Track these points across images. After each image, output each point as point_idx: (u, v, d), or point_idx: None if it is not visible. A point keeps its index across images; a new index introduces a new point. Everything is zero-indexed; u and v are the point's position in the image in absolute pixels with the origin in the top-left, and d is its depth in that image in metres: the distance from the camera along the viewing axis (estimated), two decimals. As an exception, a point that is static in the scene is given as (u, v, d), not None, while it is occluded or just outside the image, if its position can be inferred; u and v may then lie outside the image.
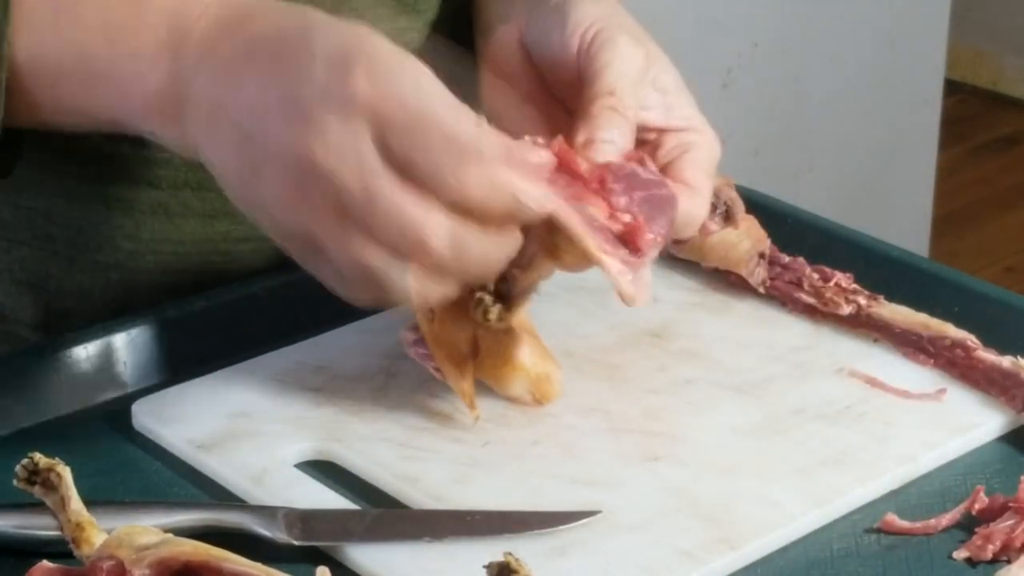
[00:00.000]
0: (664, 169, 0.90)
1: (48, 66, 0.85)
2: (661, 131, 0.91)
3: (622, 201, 0.84)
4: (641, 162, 0.87)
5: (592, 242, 0.82)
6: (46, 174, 1.01)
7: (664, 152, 0.91)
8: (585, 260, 0.83)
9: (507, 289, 0.86)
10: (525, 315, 0.91)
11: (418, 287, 0.79)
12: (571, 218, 0.81)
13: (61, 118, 0.88)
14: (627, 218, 0.84)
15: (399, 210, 0.77)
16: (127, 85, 0.83)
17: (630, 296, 0.83)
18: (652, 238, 0.84)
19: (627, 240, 0.83)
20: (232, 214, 1.02)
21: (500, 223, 0.80)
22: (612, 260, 0.82)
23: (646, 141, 0.91)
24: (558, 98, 0.93)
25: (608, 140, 0.87)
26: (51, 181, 1.01)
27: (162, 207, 1.01)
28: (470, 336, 0.88)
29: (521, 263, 0.84)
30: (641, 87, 0.90)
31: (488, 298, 0.85)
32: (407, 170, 0.77)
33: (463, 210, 0.78)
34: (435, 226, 0.78)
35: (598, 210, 0.83)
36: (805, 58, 2.62)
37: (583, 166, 0.84)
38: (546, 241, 0.83)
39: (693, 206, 0.89)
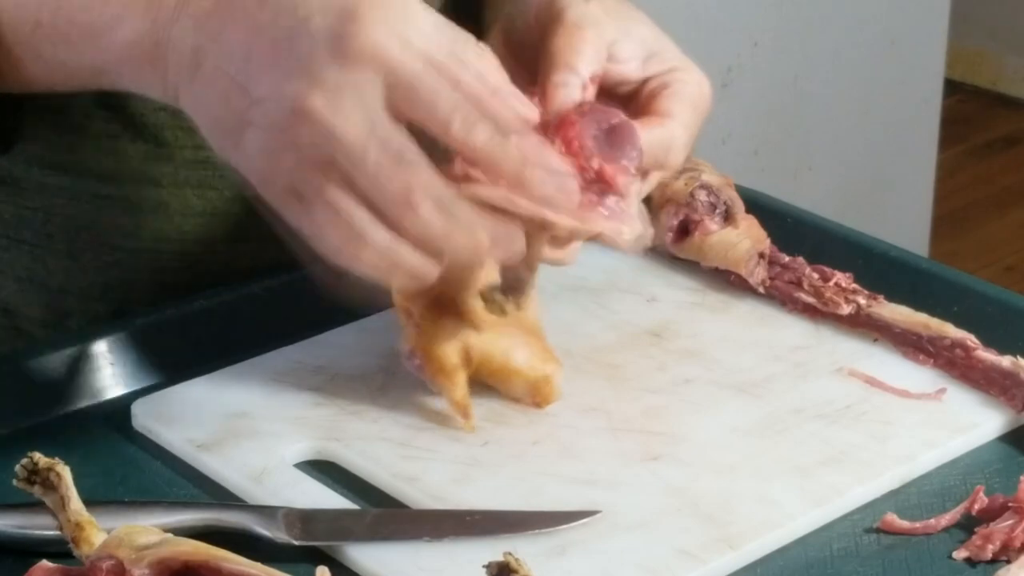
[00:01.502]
0: (643, 107, 0.88)
1: (26, 19, 0.84)
2: (643, 80, 0.89)
3: (587, 145, 0.83)
4: (586, 105, 0.85)
5: (578, 219, 0.81)
6: (46, 173, 1.01)
7: (644, 93, 0.88)
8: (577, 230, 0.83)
9: (511, 278, 0.85)
10: (534, 315, 0.91)
11: (396, 256, 0.77)
12: (559, 213, 0.81)
13: (44, 75, 0.86)
14: (595, 163, 0.82)
15: (392, 169, 0.75)
16: (103, 32, 0.81)
17: (629, 243, 0.82)
18: (624, 167, 0.83)
19: (603, 185, 0.83)
20: (233, 213, 1.02)
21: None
22: (606, 223, 0.82)
23: (630, 93, 0.89)
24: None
25: (559, 84, 0.84)
26: (51, 180, 1.01)
27: (163, 206, 1.01)
28: (460, 347, 0.88)
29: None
30: (598, 36, 0.87)
31: (499, 296, 0.86)
32: (412, 123, 0.76)
33: (463, 177, 0.77)
34: (426, 188, 0.76)
35: (568, 168, 0.82)
36: (805, 58, 2.62)
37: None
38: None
39: (666, 132, 0.86)
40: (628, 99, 0.89)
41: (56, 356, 0.93)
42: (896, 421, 0.90)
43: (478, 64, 0.78)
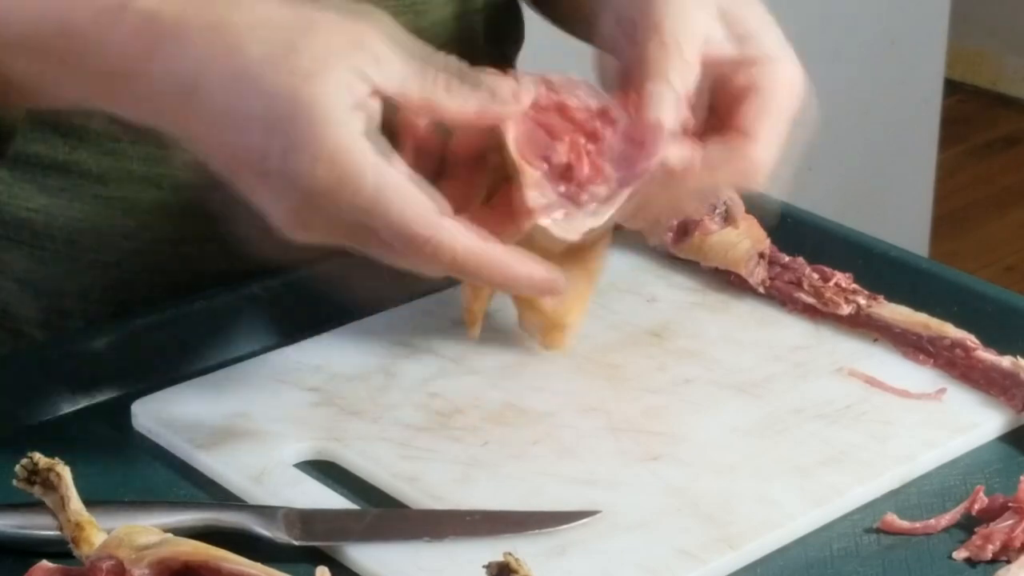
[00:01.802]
0: (728, 111, 0.86)
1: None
2: (735, 63, 0.87)
3: (605, 143, 0.83)
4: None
5: (516, 153, 0.81)
6: (47, 174, 1.01)
7: (732, 90, 0.86)
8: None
9: None
10: (598, 264, 0.91)
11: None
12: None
13: (26, 88, 0.85)
14: (576, 153, 0.82)
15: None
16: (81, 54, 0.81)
17: (528, 212, 0.81)
18: (605, 176, 0.82)
19: (567, 176, 0.82)
20: None
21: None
22: (531, 171, 0.81)
23: (720, 80, 0.87)
24: None
25: (654, 93, 0.83)
26: (51, 181, 1.01)
27: (163, 207, 1.01)
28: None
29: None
30: (697, 28, 0.85)
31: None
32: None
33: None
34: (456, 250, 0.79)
35: (561, 146, 0.82)
36: (804, 57, 2.62)
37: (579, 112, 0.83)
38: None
39: (745, 159, 0.84)
40: (718, 81, 0.87)
41: (56, 356, 0.93)
42: (896, 421, 0.90)
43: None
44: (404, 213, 0.77)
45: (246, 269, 1.02)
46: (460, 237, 0.79)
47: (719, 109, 0.87)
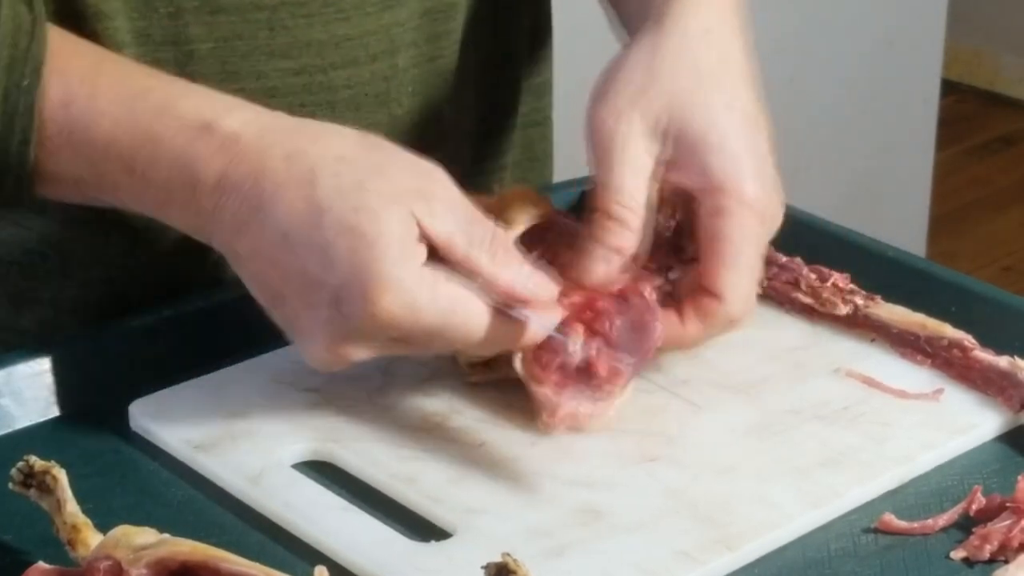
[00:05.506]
0: (698, 260, 0.89)
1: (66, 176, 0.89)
2: (697, 189, 0.89)
3: (606, 326, 0.86)
4: (643, 280, 0.88)
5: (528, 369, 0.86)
6: (40, 193, 1.01)
7: (696, 219, 0.89)
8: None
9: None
10: None
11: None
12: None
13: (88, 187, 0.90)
14: (593, 351, 0.86)
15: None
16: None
17: (545, 424, 0.86)
18: (621, 370, 0.86)
19: (590, 366, 0.86)
20: None
21: None
22: (541, 389, 0.86)
23: (686, 197, 0.90)
24: None
25: (599, 259, 0.87)
26: (40, 200, 1.01)
27: (157, 224, 1.01)
28: None
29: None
30: (638, 178, 0.88)
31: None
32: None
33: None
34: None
35: (577, 338, 0.86)
36: (802, 58, 2.62)
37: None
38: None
39: (714, 315, 0.87)
40: (682, 196, 0.90)
41: (54, 356, 0.93)
42: (894, 422, 0.90)
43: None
44: (469, 324, 0.83)
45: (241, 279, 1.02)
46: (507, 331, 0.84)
47: (688, 225, 0.91)
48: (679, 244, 0.93)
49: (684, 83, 0.89)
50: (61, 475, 0.77)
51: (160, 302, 0.99)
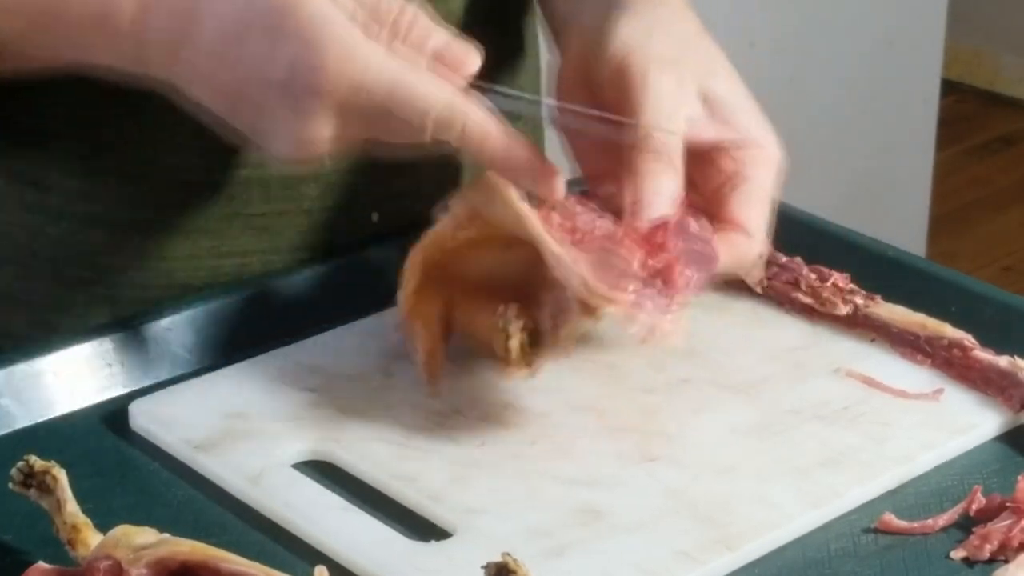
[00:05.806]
0: (715, 202, 0.91)
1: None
2: (716, 148, 0.92)
3: (670, 246, 0.86)
4: (691, 213, 0.88)
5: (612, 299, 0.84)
6: (30, 192, 1.01)
7: (718, 179, 0.92)
8: (622, 317, 0.85)
9: (538, 337, 0.87)
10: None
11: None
12: (554, 250, 0.84)
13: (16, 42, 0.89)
14: (665, 260, 0.85)
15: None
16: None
17: (644, 335, 0.85)
18: (687, 276, 0.85)
19: (660, 275, 0.85)
20: (217, 231, 1.01)
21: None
22: (622, 295, 0.84)
23: (703, 159, 0.91)
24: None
25: (654, 194, 0.87)
26: (32, 200, 1.01)
27: (145, 225, 1.01)
28: (442, 313, 0.90)
29: (557, 314, 0.86)
30: (677, 114, 0.90)
31: (514, 324, 0.86)
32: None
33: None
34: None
35: (632, 256, 0.85)
36: (802, 58, 2.62)
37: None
38: (583, 299, 0.85)
39: (743, 251, 0.91)
40: (701, 159, 0.91)
41: (54, 357, 0.93)
42: (894, 422, 0.90)
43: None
44: (416, 86, 0.82)
45: (232, 282, 1.01)
46: (472, 109, 0.83)
47: (702, 186, 0.92)
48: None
49: (697, 50, 0.95)
50: (61, 475, 0.77)
51: (159, 302, 0.99)
